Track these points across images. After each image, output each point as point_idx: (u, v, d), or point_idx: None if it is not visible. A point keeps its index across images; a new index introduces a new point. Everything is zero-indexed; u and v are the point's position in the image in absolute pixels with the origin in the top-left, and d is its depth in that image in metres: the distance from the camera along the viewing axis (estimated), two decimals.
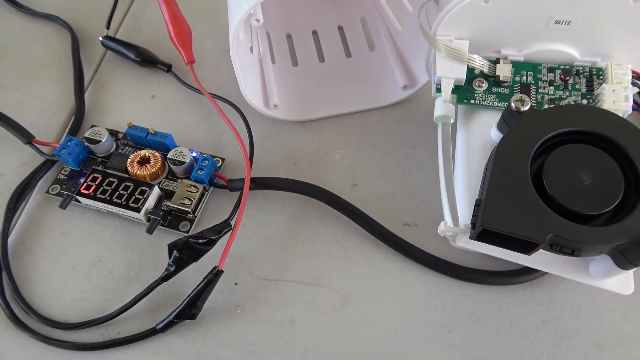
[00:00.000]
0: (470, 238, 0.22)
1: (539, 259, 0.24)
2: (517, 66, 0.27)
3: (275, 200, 0.30)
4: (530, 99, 0.25)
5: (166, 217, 0.28)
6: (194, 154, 0.30)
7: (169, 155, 0.29)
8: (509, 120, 0.23)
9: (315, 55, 0.36)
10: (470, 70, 0.27)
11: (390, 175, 0.30)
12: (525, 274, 0.26)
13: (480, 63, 0.26)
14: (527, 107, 0.23)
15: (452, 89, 0.26)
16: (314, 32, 0.37)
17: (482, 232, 0.21)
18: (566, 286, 0.26)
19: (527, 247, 0.21)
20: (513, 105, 0.23)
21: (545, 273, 0.26)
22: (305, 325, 0.26)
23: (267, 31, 0.36)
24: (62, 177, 0.30)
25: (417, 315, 0.26)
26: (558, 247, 0.21)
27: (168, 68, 0.35)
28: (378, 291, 0.26)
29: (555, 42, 0.26)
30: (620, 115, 0.24)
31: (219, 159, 0.31)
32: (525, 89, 0.26)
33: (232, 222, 0.27)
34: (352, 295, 0.26)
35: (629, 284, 0.24)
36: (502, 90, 0.26)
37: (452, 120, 0.26)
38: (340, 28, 0.37)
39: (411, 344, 0.25)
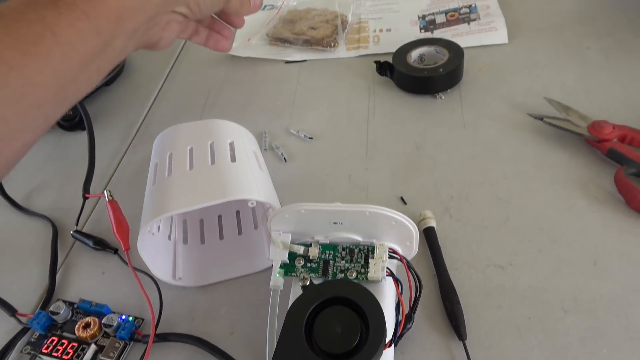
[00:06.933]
0: None
1: None
2: (324, 247, 0.41)
3: (174, 347, 0.42)
4: (330, 270, 0.39)
5: None
6: (123, 317, 0.44)
7: (103, 320, 0.43)
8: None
9: (218, 233, 0.50)
10: (294, 252, 0.41)
11: (263, 326, 0.43)
12: None
13: (297, 248, 0.40)
14: (307, 283, 0.36)
15: (281, 266, 0.40)
16: (219, 216, 0.52)
17: None
18: None
19: None
20: (300, 283, 0.36)
21: None
22: None
23: (185, 219, 0.51)
24: (33, 339, 0.44)
25: None
26: None
27: (115, 251, 0.50)
28: None
29: (344, 232, 0.40)
30: (379, 277, 0.37)
31: (140, 320, 0.44)
32: (326, 264, 0.40)
33: None
34: None
35: None
36: (312, 265, 0.40)
37: (281, 288, 0.40)
38: (237, 212, 0.52)
39: None
